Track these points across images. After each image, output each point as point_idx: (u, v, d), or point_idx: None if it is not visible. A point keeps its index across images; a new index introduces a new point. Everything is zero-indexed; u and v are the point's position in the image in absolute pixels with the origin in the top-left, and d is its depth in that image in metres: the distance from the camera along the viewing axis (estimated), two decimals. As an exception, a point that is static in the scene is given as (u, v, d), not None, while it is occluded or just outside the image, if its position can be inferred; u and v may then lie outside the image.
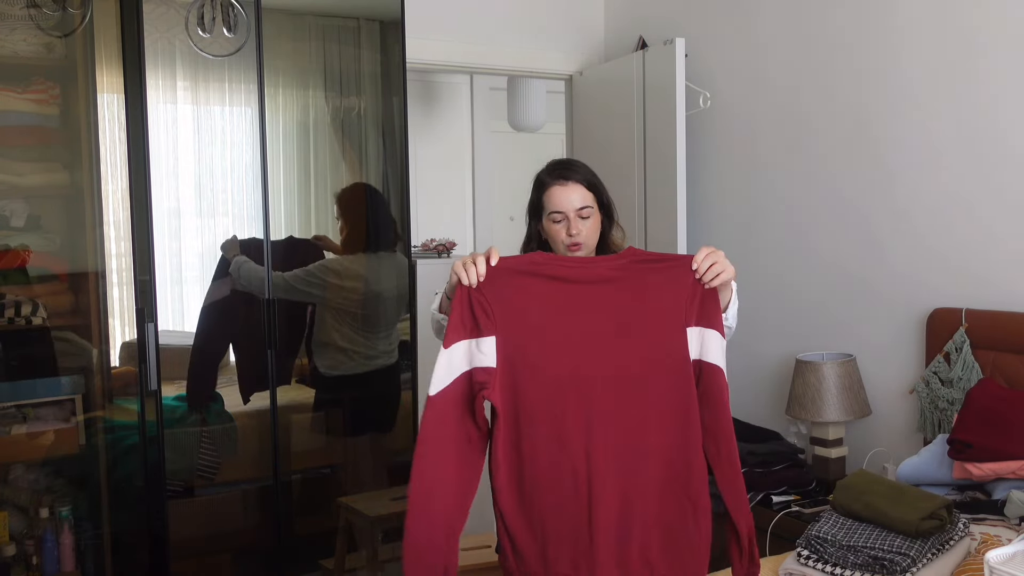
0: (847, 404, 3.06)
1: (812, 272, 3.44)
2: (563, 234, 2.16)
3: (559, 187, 2.16)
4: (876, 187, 3.19)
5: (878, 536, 2.10)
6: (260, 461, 3.30)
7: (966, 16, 2.88)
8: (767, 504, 2.93)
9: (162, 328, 2.99)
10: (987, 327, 2.81)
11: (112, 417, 3.08)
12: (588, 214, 2.16)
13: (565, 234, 2.15)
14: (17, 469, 2.99)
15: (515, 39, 4.17)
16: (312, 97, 3.51)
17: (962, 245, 2.93)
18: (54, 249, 3.03)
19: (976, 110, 2.87)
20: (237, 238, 3.21)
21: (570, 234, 2.14)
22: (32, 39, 2.92)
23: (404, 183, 3.57)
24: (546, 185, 2.19)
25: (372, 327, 3.57)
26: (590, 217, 2.16)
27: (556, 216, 2.15)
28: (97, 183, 2.99)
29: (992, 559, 1.65)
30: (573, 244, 2.15)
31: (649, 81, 3.75)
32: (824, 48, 3.35)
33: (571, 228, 2.14)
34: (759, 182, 3.65)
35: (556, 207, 2.15)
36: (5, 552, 2.90)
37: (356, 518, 3.51)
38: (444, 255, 3.82)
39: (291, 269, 3.31)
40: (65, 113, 3.03)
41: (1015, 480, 2.42)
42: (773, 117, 3.58)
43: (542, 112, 5.56)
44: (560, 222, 2.15)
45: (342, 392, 3.56)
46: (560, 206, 2.15)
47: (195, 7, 3.03)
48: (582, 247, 2.16)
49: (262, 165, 3.19)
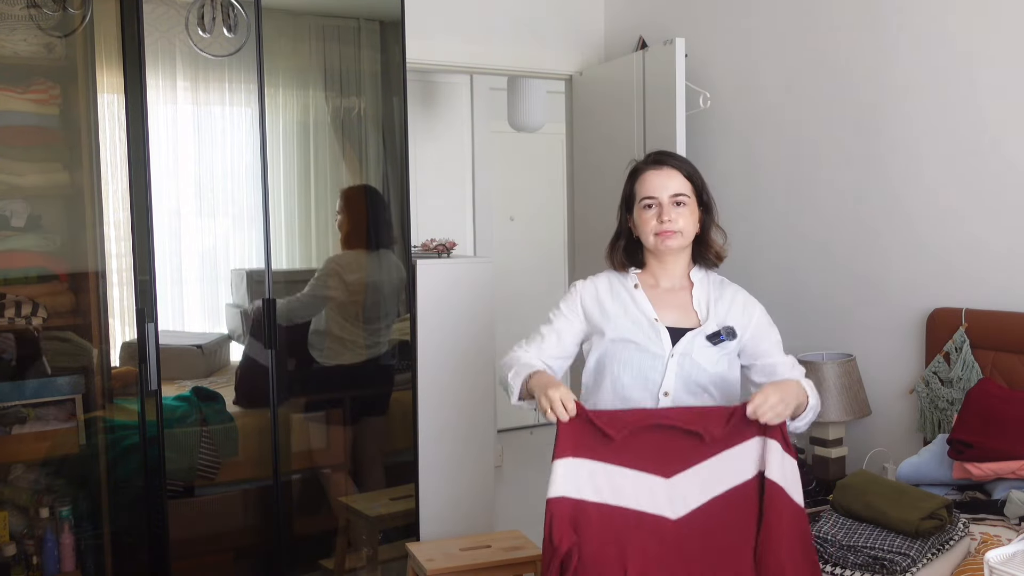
0: (847, 404, 3.06)
1: (812, 272, 3.44)
2: (653, 221, 2.04)
3: (653, 171, 2.05)
4: (876, 187, 3.19)
5: (878, 536, 2.10)
6: (260, 461, 3.29)
7: (965, 17, 2.88)
8: (767, 504, 2.93)
9: (162, 328, 2.99)
10: (987, 327, 2.81)
11: (112, 417, 3.08)
12: (683, 202, 2.04)
13: (656, 221, 2.03)
14: (17, 469, 2.99)
15: (515, 39, 4.17)
16: (312, 97, 3.51)
17: (962, 245, 2.93)
18: (54, 249, 3.03)
19: (976, 110, 2.87)
20: (256, 304, 3.26)
21: (661, 220, 2.03)
22: (32, 39, 2.92)
23: (404, 183, 3.57)
24: (640, 171, 2.08)
25: (370, 320, 3.58)
26: (685, 205, 2.04)
27: (647, 202, 2.04)
28: (97, 183, 2.99)
29: (992, 559, 1.64)
30: (665, 232, 2.03)
31: (649, 81, 3.75)
32: (824, 48, 3.35)
33: (663, 214, 2.02)
34: (759, 182, 3.66)
35: (648, 192, 2.04)
36: (5, 552, 2.90)
37: (356, 518, 3.51)
38: (444, 255, 3.82)
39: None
40: (65, 113, 3.03)
41: (1015, 480, 2.42)
42: (773, 117, 3.58)
43: (542, 112, 5.56)
44: (651, 207, 2.04)
45: (339, 381, 3.57)
46: (652, 191, 2.04)
47: (195, 7, 3.03)
48: (676, 236, 2.04)
49: (262, 165, 3.19)
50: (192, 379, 3.26)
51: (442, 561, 3.01)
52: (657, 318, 2.11)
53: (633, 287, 2.17)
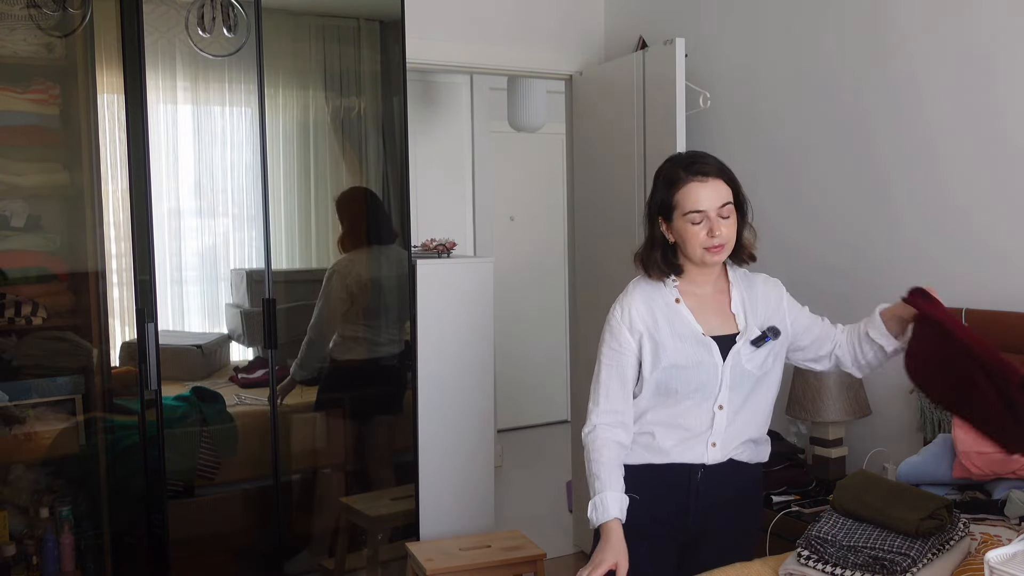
0: (847, 404, 3.06)
1: (812, 272, 3.44)
2: (702, 235, 2.02)
3: (698, 183, 2.01)
4: (876, 187, 3.19)
5: (878, 536, 2.09)
6: (260, 461, 3.30)
7: (966, 17, 2.88)
8: (767, 504, 2.93)
9: (162, 328, 2.99)
10: (987, 327, 2.81)
11: (112, 417, 3.08)
12: (728, 212, 2.03)
13: (705, 235, 2.02)
14: (17, 469, 2.99)
15: (515, 39, 4.17)
16: (312, 97, 3.51)
17: (962, 245, 2.93)
18: (54, 249, 3.03)
19: (976, 110, 2.87)
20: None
21: (712, 235, 2.01)
22: (32, 39, 2.92)
23: (404, 183, 3.57)
24: (681, 181, 2.03)
25: (375, 316, 3.59)
26: (730, 217, 2.04)
27: (695, 217, 2.01)
28: (97, 183, 2.99)
29: (992, 559, 1.64)
30: (715, 247, 2.03)
31: (649, 81, 3.75)
32: (824, 48, 3.35)
33: (714, 229, 2.01)
34: (759, 182, 3.65)
35: (695, 206, 2.01)
36: (5, 552, 2.90)
37: (356, 518, 3.51)
38: (444, 255, 3.82)
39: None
40: (65, 113, 3.03)
41: (1015, 480, 2.42)
42: (773, 117, 3.58)
43: (542, 112, 5.56)
44: (700, 223, 2.01)
45: (351, 376, 3.59)
46: (700, 204, 2.00)
47: (195, 7, 3.03)
48: (723, 250, 2.05)
49: (262, 165, 3.19)
50: (192, 379, 3.26)
51: (442, 561, 3.01)
52: (704, 332, 2.11)
53: (675, 301, 2.14)
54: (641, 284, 2.18)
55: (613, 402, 2.14)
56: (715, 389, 2.11)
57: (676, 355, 2.10)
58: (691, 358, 2.09)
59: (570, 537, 4.30)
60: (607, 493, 2.05)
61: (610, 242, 3.88)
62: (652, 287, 2.16)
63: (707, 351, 2.10)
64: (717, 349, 2.10)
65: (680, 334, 2.11)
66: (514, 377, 6.25)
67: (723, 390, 2.11)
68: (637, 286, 2.19)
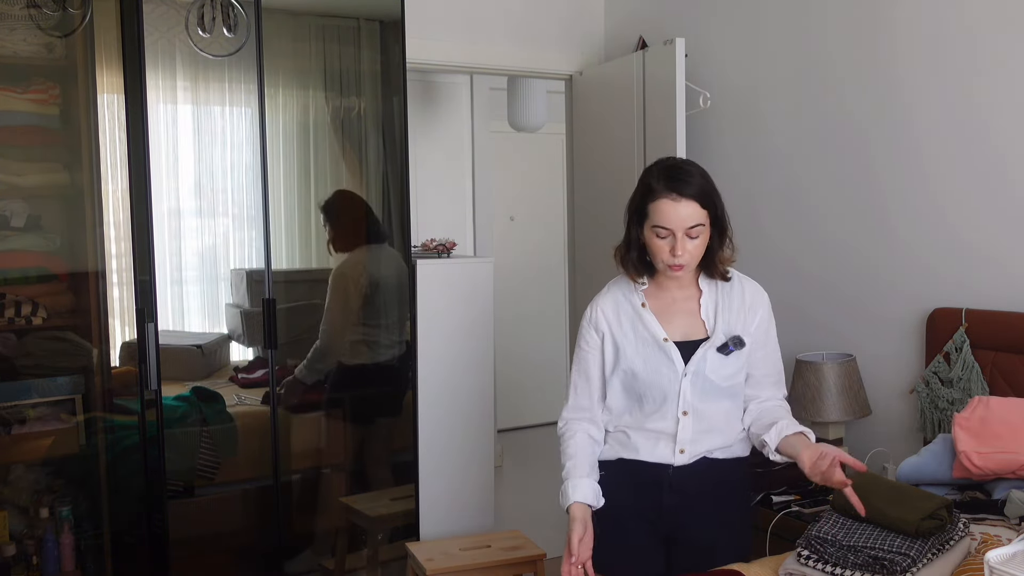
0: (847, 404, 3.06)
1: (812, 272, 3.44)
2: (665, 252, 2.03)
3: (670, 202, 1.99)
4: (876, 187, 3.18)
5: (878, 536, 2.09)
6: (260, 461, 3.29)
7: (965, 17, 2.88)
8: (767, 504, 2.93)
9: (162, 328, 2.99)
10: (987, 327, 2.81)
11: (112, 417, 3.07)
12: (697, 233, 2.01)
13: (668, 252, 2.02)
14: (17, 469, 2.99)
15: (515, 39, 4.16)
16: (312, 97, 3.51)
17: (962, 245, 2.93)
18: (54, 249, 3.03)
19: (976, 110, 2.87)
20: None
21: (674, 254, 2.01)
22: (32, 39, 2.92)
23: (404, 183, 3.57)
24: (655, 194, 2.01)
25: (378, 316, 3.58)
26: (699, 237, 2.02)
27: (661, 232, 2.01)
28: (97, 183, 2.99)
29: (992, 559, 1.64)
30: (675, 266, 2.04)
31: (649, 81, 3.75)
32: (824, 48, 3.35)
33: (676, 248, 2.01)
34: (758, 182, 3.65)
35: (662, 222, 2.00)
36: (5, 552, 2.90)
37: (356, 518, 3.51)
38: (444, 255, 3.82)
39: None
40: (65, 113, 3.03)
41: (1015, 480, 2.42)
42: (773, 117, 3.58)
43: (542, 112, 5.56)
44: (665, 238, 2.02)
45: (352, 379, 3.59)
46: (667, 222, 2.00)
47: (195, 7, 3.03)
48: (684, 269, 2.05)
49: (262, 165, 3.19)
50: (192, 379, 3.26)
51: (442, 561, 3.01)
52: (667, 337, 2.12)
53: (640, 306, 2.16)
54: (616, 285, 2.23)
55: (580, 399, 2.23)
56: (675, 396, 2.11)
57: (635, 360, 2.12)
58: (649, 364, 2.11)
59: (570, 537, 4.28)
60: (571, 480, 2.13)
61: (610, 242, 3.85)
62: (626, 288, 2.20)
63: (667, 358, 2.11)
64: (679, 355, 2.11)
65: (643, 339, 2.13)
66: (514, 377, 6.24)
67: (684, 397, 2.11)
68: (612, 287, 2.24)
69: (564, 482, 2.14)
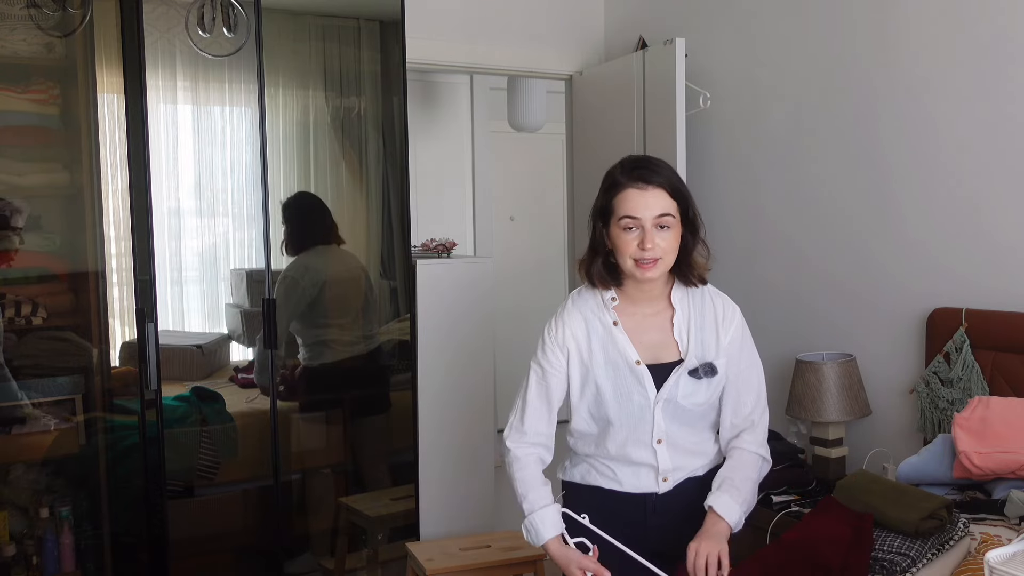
0: (847, 404, 3.06)
1: (812, 272, 3.44)
2: (633, 246, 1.85)
3: (636, 191, 1.84)
4: (876, 187, 3.18)
5: (878, 536, 2.09)
6: (260, 461, 3.30)
7: (965, 16, 2.88)
8: (767, 504, 2.93)
9: (162, 328, 2.99)
10: (987, 327, 2.81)
11: (112, 417, 3.08)
12: (667, 224, 1.85)
13: (636, 246, 1.85)
14: (17, 469, 2.99)
15: (515, 39, 4.17)
16: (312, 97, 3.51)
17: (962, 245, 2.93)
18: (54, 249, 3.03)
19: (976, 110, 2.87)
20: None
21: (643, 247, 1.84)
22: (32, 39, 2.92)
23: (404, 183, 3.57)
24: (620, 186, 1.88)
25: (325, 316, 3.53)
26: (669, 230, 1.86)
27: (627, 222, 1.84)
28: (97, 183, 2.99)
29: (992, 559, 1.64)
30: (645, 261, 1.86)
31: (649, 81, 3.75)
32: (824, 48, 3.35)
33: (645, 241, 1.84)
34: (758, 182, 3.65)
35: (629, 211, 1.84)
36: (5, 552, 2.90)
37: (356, 518, 3.51)
38: (444, 255, 3.82)
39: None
40: (65, 113, 3.03)
41: (1015, 480, 2.42)
42: (773, 117, 3.58)
43: (542, 112, 5.57)
44: (632, 229, 1.85)
45: (332, 381, 3.56)
46: (634, 210, 1.83)
47: (195, 7, 3.03)
48: (658, 264, 1.87)
49: (262, 165, 3.19)
50: (192, 379, 3.26)
51: (442, 561, 3.01)
52: (639, 359, 1.99)
53: (612, 324, 2.01)
54: (580, 299, 2.05)
55: (538, 424, 2.08)
56: (648, 424, 2.00)
57: (605, 385, 2.00)
58: (620, 390, 1.99)
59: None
60: (536, 514, 2.02)
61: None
62: (593, 303, 2.03)
63: (638, 383, 1.99)
64: (651, 380, 1.99)
65: (614, 362, 1.99)
66: (514, 377, 6.22)
67: (657, 424, 2.00)
68: (577, 301, 2.05)
69: (527, 517, 2.03)
